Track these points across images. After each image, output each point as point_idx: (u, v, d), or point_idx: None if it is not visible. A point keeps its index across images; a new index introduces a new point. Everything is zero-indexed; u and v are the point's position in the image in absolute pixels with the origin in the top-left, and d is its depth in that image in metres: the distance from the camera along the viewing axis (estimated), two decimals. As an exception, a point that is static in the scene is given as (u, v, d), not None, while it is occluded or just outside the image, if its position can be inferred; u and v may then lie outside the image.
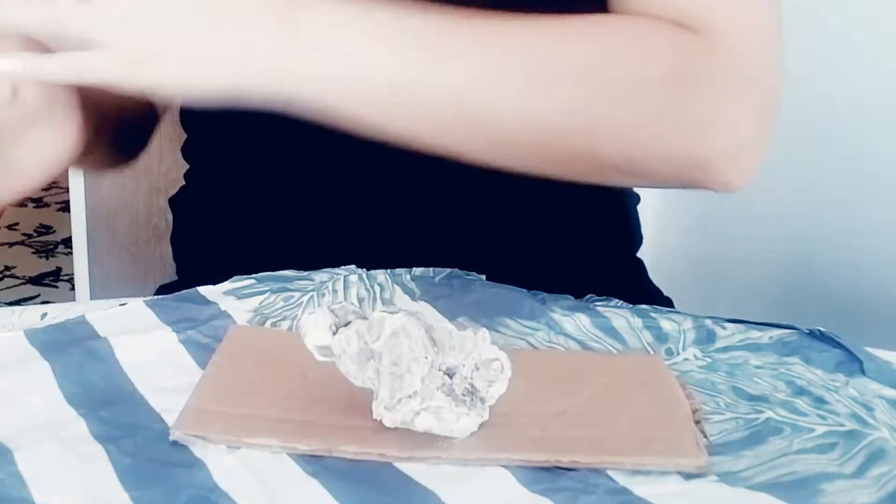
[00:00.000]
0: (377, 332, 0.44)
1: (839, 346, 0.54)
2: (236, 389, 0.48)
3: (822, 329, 0.56)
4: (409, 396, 0.43)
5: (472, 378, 0.44)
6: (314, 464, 0.43)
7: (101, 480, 0.42)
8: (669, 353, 0.55)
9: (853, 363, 0.53)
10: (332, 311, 0.45)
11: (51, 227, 2.99)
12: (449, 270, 0.64)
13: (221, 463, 0.43)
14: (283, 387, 0.48)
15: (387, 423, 0.44)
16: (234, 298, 0.60)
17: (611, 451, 0.44)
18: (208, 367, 0.50)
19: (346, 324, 0.45)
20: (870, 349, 0.55)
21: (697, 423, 0.47)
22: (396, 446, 0.44)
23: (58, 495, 0.41)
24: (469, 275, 0.64)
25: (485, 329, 0.46)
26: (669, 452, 0.44)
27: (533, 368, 0.50)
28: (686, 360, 0.54)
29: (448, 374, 0.44)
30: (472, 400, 0.44)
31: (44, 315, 0.58)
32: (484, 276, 0.64)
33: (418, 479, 0.43)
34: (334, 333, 0.45)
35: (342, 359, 0.45)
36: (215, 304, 0.59)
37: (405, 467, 0.43)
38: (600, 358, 0.54)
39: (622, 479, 0.43)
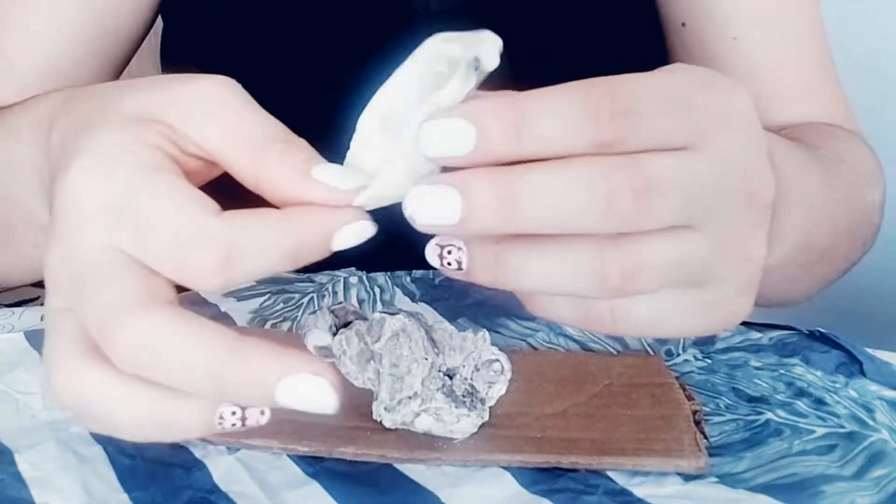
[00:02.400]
0: (377, 333, 0.44)
1: (839, 346, 0.54)
2: None
3: (821, 330, 0.56)
4: (410, 398, 0.43)
5: (471, 379, 0.45)
6: (314, 465, 0.43)
7: (101, 481, 0.42)
8: (669, 353, 0.55)
9: (853, 364, 0.53)
10: (332, 311, 0.45)
11: (51, 229, 2.98)
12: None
13: (221, 463, 0.43)
14: None
15: (387, 424, 0.44)
16: (234, 300, 0.60)
17: (610, 452, 0.44)
18: None
19: (347, 324, 0.45)
20: (870, 350, 0.55)
21: (698, 424, 0.46)
22: (396, 447, 0.44)
23: (57, 496, 0.41)
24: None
25: (485, 330, 0.45)
26: (669, 454, 0.44)
27: (533, 369, 0.50)
28: (686, 360, 0.54)
29: (448, 376, 0.44)
30: (472, 401, 0.44)
31: (44, 316, 0.58)
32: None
33: (419, 480, 0.43)
34: (334, 334, 0.45)
35: (342, 360, 0.45)
36: (215, 305, 0.59)
37: (405, 468, 0.43)
38: (601, 358, 0.54)
39: (622, 480, 0.43)
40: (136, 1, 0.72)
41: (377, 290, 0.62)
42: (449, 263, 0.33)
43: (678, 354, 0.55)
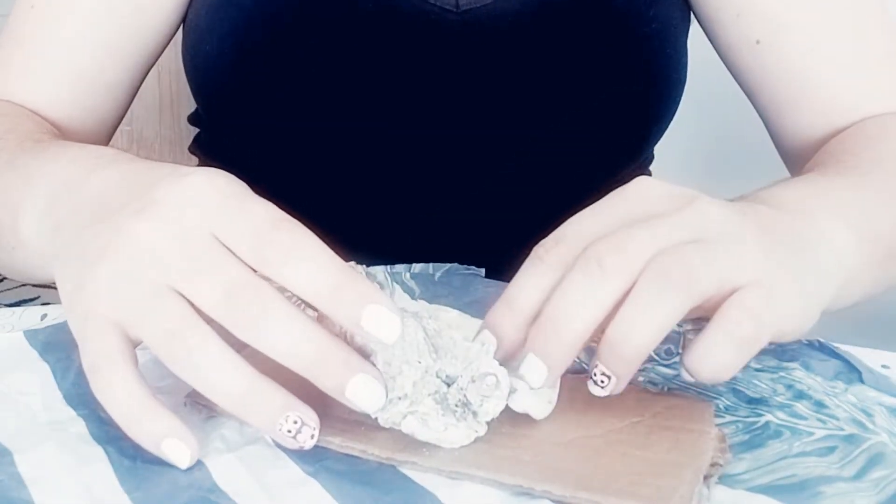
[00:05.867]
0: None
1: (838, 356, 0.54)
2: None
3: (821, 340, 0.56)
4: (400, 398, 0.43)
5: (466, 390, 0.44)
6: (314, 464, 0.43)
7: (101, 481, 0.42)
8: (669, 353, 0.55)
9: (852, 373, 0.53)
10: None
11: (51, 227, 2.97)
12: (448, 266, 0.64)
13: (221, 462, 0.43)
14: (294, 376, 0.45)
15: (381, 423, 0.44)
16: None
17: (589, 489, 0.41)
18: None
19: None
20: (868, 350, 0.55)
21: (707, 478, 0.43)
22: (381, 445, 0.44)
23: (57, 496, 0.41)
24: (468, 269, 0.64)
25: (492, 342, 0.45)
26: (651, 500, 0.40)
27: (568, 395, 0.47)
28: (686, 361, 0.54)
29: (447, 383, 0.44)
30: (463, 412, 0.44)
31: (44, 316, 0.58)
32: (483, 271, 0.64)
33: (418, 480, 0.43)
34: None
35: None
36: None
37: (405, 469, 0.43)
38: (645, 394, 0.50)
39: None
40: (159, 7, 0.73)
41: (376, 286, 0.61)
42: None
43: (677, 353, 0.55)
